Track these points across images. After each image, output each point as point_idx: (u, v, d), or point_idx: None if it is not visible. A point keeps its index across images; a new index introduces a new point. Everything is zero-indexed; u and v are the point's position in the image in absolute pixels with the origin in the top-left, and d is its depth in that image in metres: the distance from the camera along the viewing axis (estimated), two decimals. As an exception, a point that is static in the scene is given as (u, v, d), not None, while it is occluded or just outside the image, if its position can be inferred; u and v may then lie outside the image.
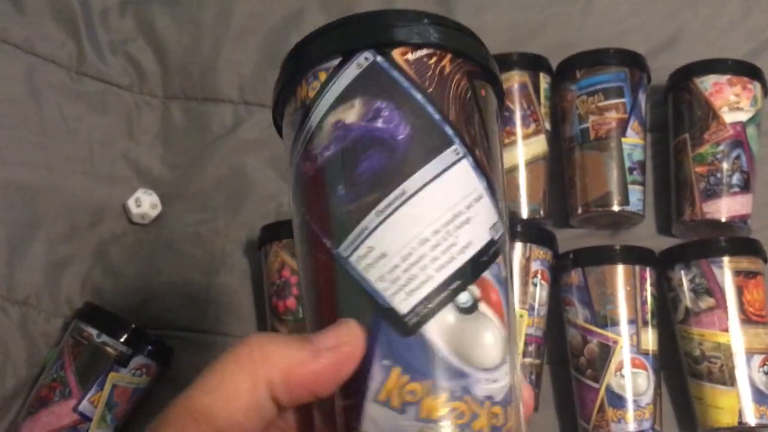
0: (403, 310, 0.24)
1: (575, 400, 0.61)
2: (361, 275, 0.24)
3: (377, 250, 0.24)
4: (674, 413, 0.63)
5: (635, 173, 0.65)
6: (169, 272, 0.69)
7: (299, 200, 0.27)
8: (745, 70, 0.64)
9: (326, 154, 0.26)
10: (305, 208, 0.26)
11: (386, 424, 0.23)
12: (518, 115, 0.66)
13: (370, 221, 0.24)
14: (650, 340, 0.59)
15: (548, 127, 0.68)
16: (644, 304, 0.60)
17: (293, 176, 0.27)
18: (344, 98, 0.26)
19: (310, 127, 0.26)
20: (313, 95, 0.26)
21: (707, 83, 0.64)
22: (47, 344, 0.65)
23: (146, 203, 0.70)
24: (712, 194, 0.63)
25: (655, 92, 0.70)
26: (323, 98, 0.26)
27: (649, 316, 0.60)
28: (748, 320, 0.58)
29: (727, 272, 0.59)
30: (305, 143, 0.26)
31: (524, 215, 0.65)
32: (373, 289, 0.24)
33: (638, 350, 0.59)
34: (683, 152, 0.65)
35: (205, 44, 0.75)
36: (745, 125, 0.63)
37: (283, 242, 0.63)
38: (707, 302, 0.59)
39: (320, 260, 0.25)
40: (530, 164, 0.66)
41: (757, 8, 0.73)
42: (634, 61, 0.66)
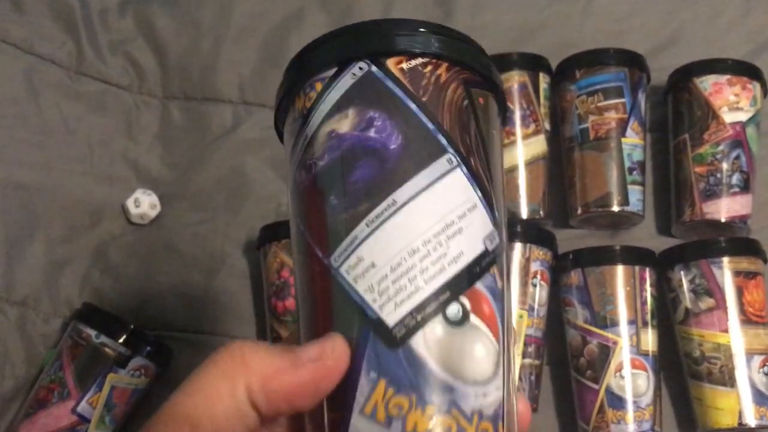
0: (390, 321, 0.23)
1: (575, 401, 0.61)
2: (350, 286, 0.24)
3: (366, 260, 0.24)
4: (674, 414, 0.63)
5: (635, 173, 0.64)
6: (168, 273, 0.69)
7: (295, 209, 0.27)
8: (744, 70, 0.64)
9: (320, 163, 0.25)
10: (300, 217, 0.26)
11: None
12: (518, 115, 0.66)
13: (360, 231, 0.24)
14: (650, 340, 0.59)
15: (548, 127, 0.68)
16: (644, 304, 0.60)
17: (290, 185, 0.27)
18: (339, 108, 0.25)
19: (306, 136, 0.26)
20: (309, 105, 0.26)
21: (707, 83, 0.64)
22: (46, 345, 0.65)
23: (145, 203, 0.70)
24: (711, 194, 0.63)
25: (654, 92, 0.70)
26: (319, 108, 0.26)
27: (648, 316, 0.59)
28: (748, 321, 0.58)
29: (727, 273, 0.58)
30: (301, 152, 0.26)
31: (524, 215, 0.65)
32: (362, 299, 0.24)
33: (638, 351, 0.58)
34: (683, 152, 0.65)
35: (204, 44, 0.75)
36: (744, 125, 0.63)
37: (282, 243, 0.63)
38: (707, 303, 0.59)
39: (314, 270, 0.25)
40: (530, 164, 0.66)
41: (756, 8, 0.73)
42: (633, 61, 0.66)
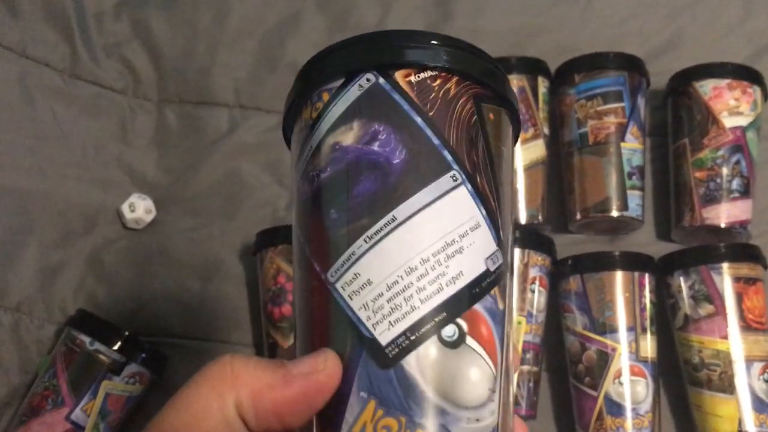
0: (384, 340, 0.23)
1: (573, 407, 0.61)
2: (345, 302, 0.24)
3: (363, 277, 0.23)
4: (673, 421, 0.63)
5: (634, 178, 0.64)
6: (163, 278, 0.69)
7: (297, 221, 0.26)
8: (744, 74, 0.64)
9: (323, 175, 0.25)
10: (301, 229, 0.26)
11: None
12: (516, 119, 0.66)
13: (358, 247, 0.24)
14: (649, 347, 0.59)
15: (547, 131, 0.68)
16: (643, 310, 0.59)
17: (294, 196, 0.27)
18: (344, 120, 0.25)
19: (311, 147, 0.26)
20: (315, 115, 0.26)
21: (707, 87, 0.63)
22: (40, 351, 0.64)
23: (140, 208, 0.69)
24: (711, 199, 0.62)
25: (654, 96, 0.69)
26: (324, 119, 0.25)
27: (648, 323, 0.59)
28: (747, 327, 0.57)
29: (726, 279, 0.58)
30: (306, 163, 0.26)
31: (522, 220, 0.65)
32: (356, 317, 0.23)
33: (637, 357, 0.58)
34: (682, 157, 0.64)
35: (200, 47, 0.75)
36: (744, 130, 0.63)
37: (278, 248, 0.63)
38: (707, 309, 0.58)
39: (311, 284, 0.25)
40: (529, 169, 0.66)
41: (756, 12, 0.73)
42: (633, 65, 0.65)
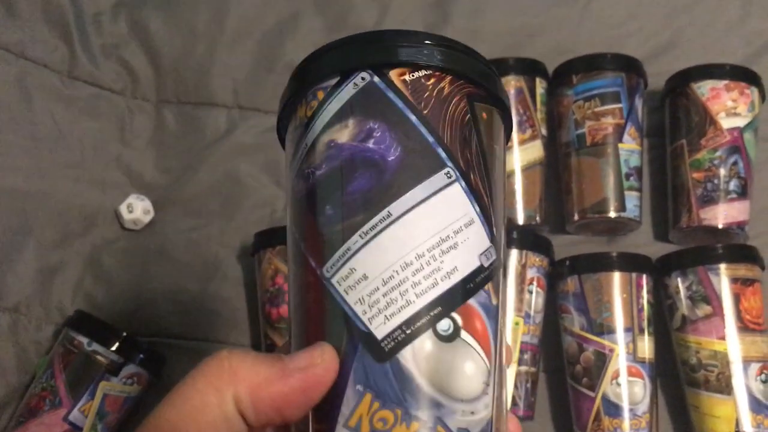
0: (379, 334, 0.23)
1: (571, 408, 0.61)
2: (341, 297, 0.24)
3: (359, 272, 0.24)
4: (671, 422, 0.63)
5: (632, 179, 0.64)
6: (161, 279, 0.69)
7: (292, 218, 0.27)
8: (742, 75, 0.64)
9: (318, 173, 0.25)
10: (296, 226, 0.26)
11: None
12: (514, 120, 0.66)
13: (353, 242, 0.24)
14: (647, 348, 0.59)
15: (544, 132, 0.68)
16: (641, 311, 0.59)
17: (288, 194, 0.27)
18: (339, 118, 0.25)
19: (305, 145, 0.26)
20: (310, 113, 0.26)
21: (704, 88, 0.64)
22: (38, 352, 0.64)
23: (139, 209, 0.69)
24: (709, 200, 0.62)
25: (651, 97, 0.69)
26: (319, 117, 0.26)
27: (645, 323, 0.59)
28: (745, 328, 0.57)
29: (724, 279, 0.58)
30: (300, 161, 0.26)
31: (520, 221, 0.65)
32: (352, 311, 0.24)
33: (634, 358, 0.58)
34: (680, 158, 0.65)
35: (198, 48, 0.75)
36: (742, 131, 0.63)
37: (276, 249, 0.63)
38: (704, 310, 0.58)
39: (307, 280, 0.25)
40: (526, 170, 0.66)
41: (754, 13, 0.73)
42: (630, 66, 0.65)
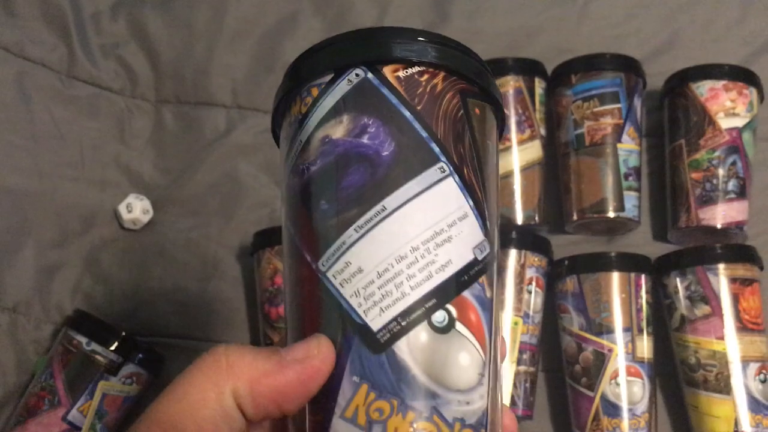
0: (375, 326, 0.24)
1: (570, 408, 0.61)
2: (337, 290, 0.24)
3: (354, 265, 0.24)
4: (669, 422, 0.63)
5: (631, 179, 0.64)
6: (160, 278, 0.69)
7: (287, 213, 0.27)
8: (741, 75, 0.64)
9: (313, 168, 0.26)
10: (291, 221, 0.26)
11: None
12: (513, 120, 0.66)
13: (348, 236, 0.24)
14: (645, 347, 0.59)
15: (543, 132, 0.68)
16: (639, 311, 0.59)
17: (283, 190, 0.27)
18: (334, 114, 0.26)
19: (300, 141, 0.26)
20: (305, 110, 0.26)
21: (703, 89, 0.64)
22: (37, 351, 0.64)
23: (138, 208, 0.69)
24: (707, 200, 0.62)
25: (650, 97, 0.69)
26: (314, 113, 0.26)
27: (644, 323, 0.59)
28: (744, 328, 0.57)
29: (722, 279, 0.58)
30: (295, 157, 0.26)
31: (519, 221, 0.65)
32: (347, 304, 0.24)
33: (633, 358, 0.58)
34: (679, 158, 0.65)
35: (197, 48, 0.75)
36: (741, 131, 0.63)
37: (275, 249, 0.63)
38: (703, 310, 0.58)
39: (302, 274, 0.25)
40: (525, 170, 0.66)
41: (753, 13, 0.73)
42: (629, 66, 0.65)
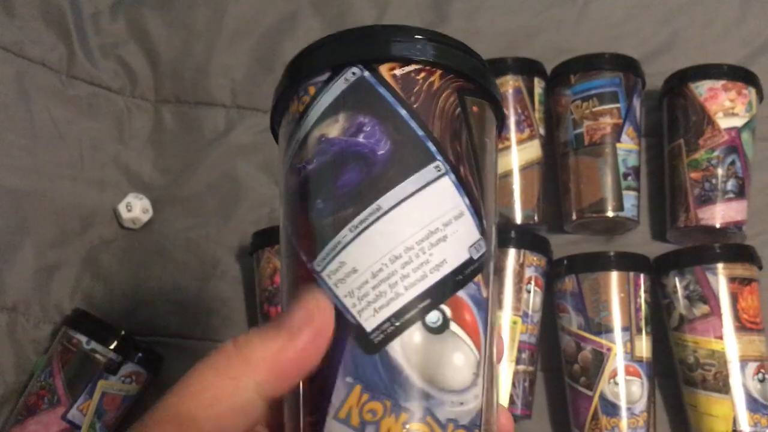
0: (369, 327, 0.23)
1: (569, 407, 0.61)
2: (331, 290, 0.24)
3: (348, 265, 0.24)
4: (668, 421, 0.63)
5: (630, 179, 0.64)
6: (160, 278, 0.69)
7: (284, 212, 0.27)
8: (740, 75, 0.64)
9: (309, 167, 0.25)
10: (288, 220, 0.26)
11: None
12: (512, 120, 0.66)
13: (343, 236, 0.24)
14: (644, 347, 0.59)
15: (543, 132, 0.68)
16: (638, 311, 0.59)
17: (281, 189, 0.27)
18: (330, 112, 0.25)
19: (297, 140, 0.26)
20: (302, 109, 0.26)
21: (702, 88, 0.64)
22: (36, 351, 0.64)
23: (137, 208, 0.69)
24: (706, 200, 0.63)
25: (649, 97, 0.69)
26: (311, 112, 0.26)
27: (643, 323, 0.59)
28: (742, 327, 0.57)
29: (721, 279, 0.58)
30: (292, 156, 0.26)
31: (518, 221, 0.65)
32: (342, 304, 0.24)
33: (632, 357, 0.58)
34: (678, 158, 0.65)
35: (197, 48, 0.75)
36: (740, 131, 0.63)
37: (275, 248, 0.63)
38: (701, 309, 0.58)
39: (297, 274, 0.25)
40: (524, 170, 0.66)
41: (752, 13, 0.73)
42: (629, 65, 0.65)
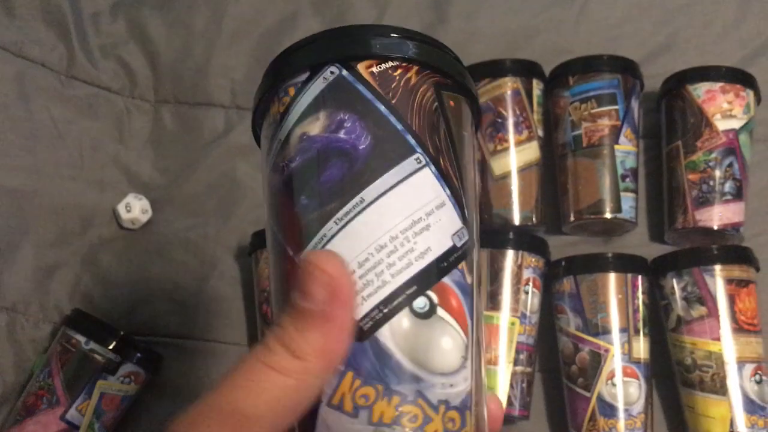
0: (357, 315, 0.24)
1: (566, 408, 0.61)
2: None
3: None
4: (666, 422, 0.63)
5: (628, 180, 0.64)
6: (159, 278, 0.69)
7: (269, 211, 0.28)
8: (738, 77, 0.64)
9: (292, 165, 0.26)
10: (273, 218, 0.27)
11: (339, 428, 0.24)
12: (511, 121, 0.66)
13: (328, 229, 0.25)
14: (642, 348, 0.59)
15: (541, 133, 0.68)
16: (636, 312, 0.59)
17: (264, 188, 0.28)
18: (310, 111, 0.26)
19: (279, 140, 0.27)
20: (283, 109, 0.27)
21: (700, 90, 0.64)
22: (35, 351, 0.64)
23: (136, 208, 0.69)
24: (704, 202, 0.63)
25: (648, 99, 0.70)
26: (292, 112, 0.27)
27: (640, 324, 0.59)
28: (740, 329, 0.57)
29: (719, 280, 0.58)
30: (275, 155, 0.27)
31: (516, 222, 0.65)
32: None
33: (630, 359, 0.58)
34: (676, 159, 0.65)
35: (196, 48, 0.75)
36: (738, 133, 0.63)
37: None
38: (699, 310, 0.58)
39: (286, 269, 0.26)
40: (523, 171, 0.66)
41: (750, 15, 0.73)
42: (627, 67, 0.66)
